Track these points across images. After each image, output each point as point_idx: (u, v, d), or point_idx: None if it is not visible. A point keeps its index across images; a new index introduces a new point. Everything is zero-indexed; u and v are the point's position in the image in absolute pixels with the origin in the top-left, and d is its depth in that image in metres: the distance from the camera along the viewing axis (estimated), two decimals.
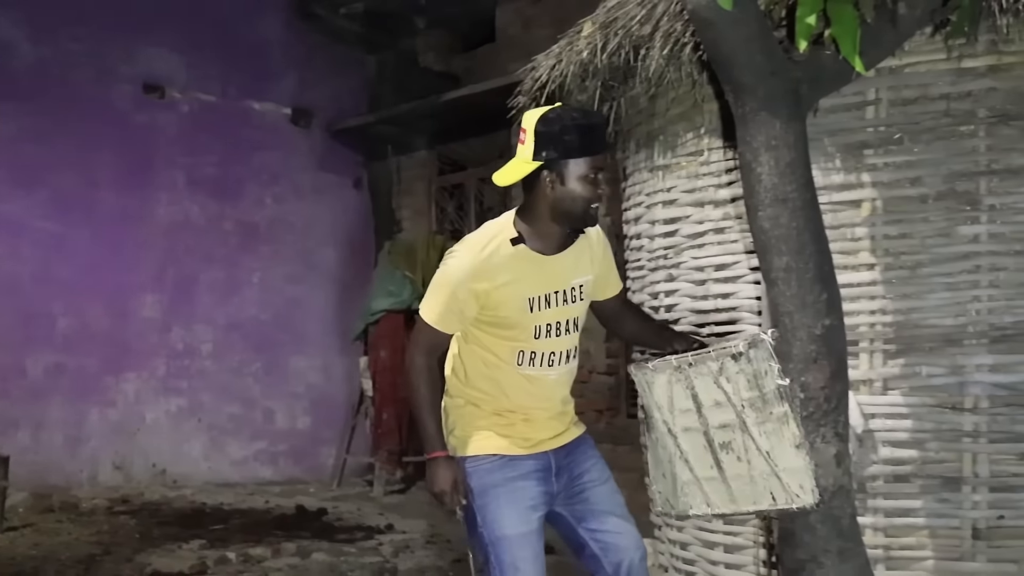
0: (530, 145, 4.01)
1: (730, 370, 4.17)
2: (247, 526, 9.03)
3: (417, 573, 7.53)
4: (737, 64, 4.44)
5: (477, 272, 4.04)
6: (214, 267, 12.03)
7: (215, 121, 11.94)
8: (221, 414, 12.00)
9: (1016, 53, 4.88)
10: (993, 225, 4.98)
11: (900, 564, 5.08)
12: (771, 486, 4.18)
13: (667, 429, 4.42)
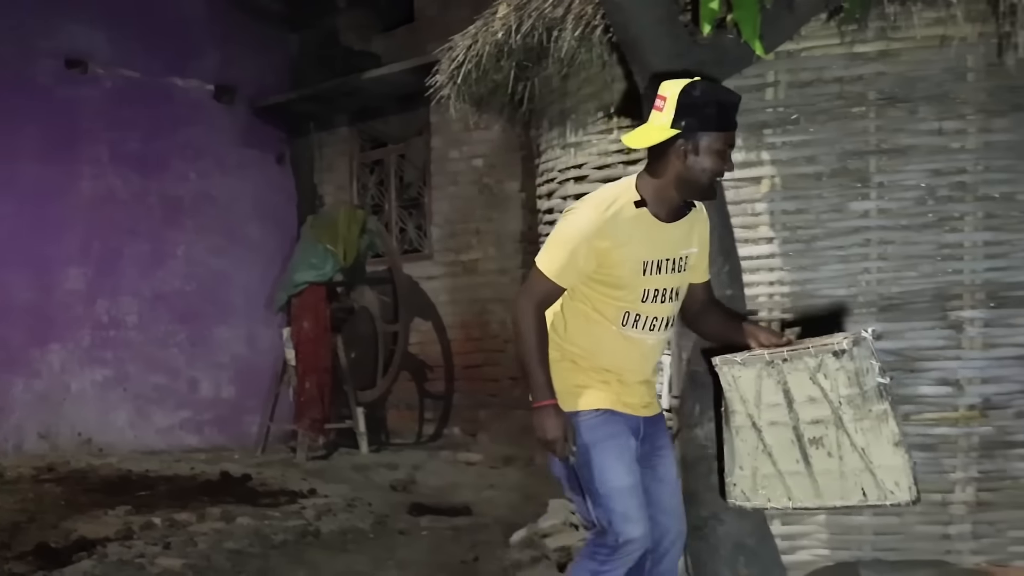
0: (669, 113, 3.89)
1: (830, 367, 4.05)
2: (173, 492, 8.90)
3: (339, 535, 7.48)
4: (645, 46, 4.49)
5: (601, 230, 3.94)
6: (138, 240, 11.85)
7: (138, 97, 11.73)
8: (146, 384, 11.85)
9: (903, 40, 4.95)
10: (882, 201, 5.07)
11: (795, 519, 5.11)
12: (863, 482, 4.09)
13: (751, 423, 4.26)
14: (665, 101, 3.90)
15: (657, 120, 3.92)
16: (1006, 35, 4.77)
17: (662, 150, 3.93)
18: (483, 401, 11.02)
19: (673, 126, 3.87)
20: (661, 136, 3.90)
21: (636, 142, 4.05)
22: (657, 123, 3.92)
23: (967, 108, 5.02)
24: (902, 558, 5.05)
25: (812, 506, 4.30)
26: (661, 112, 3.91)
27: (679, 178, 3.95)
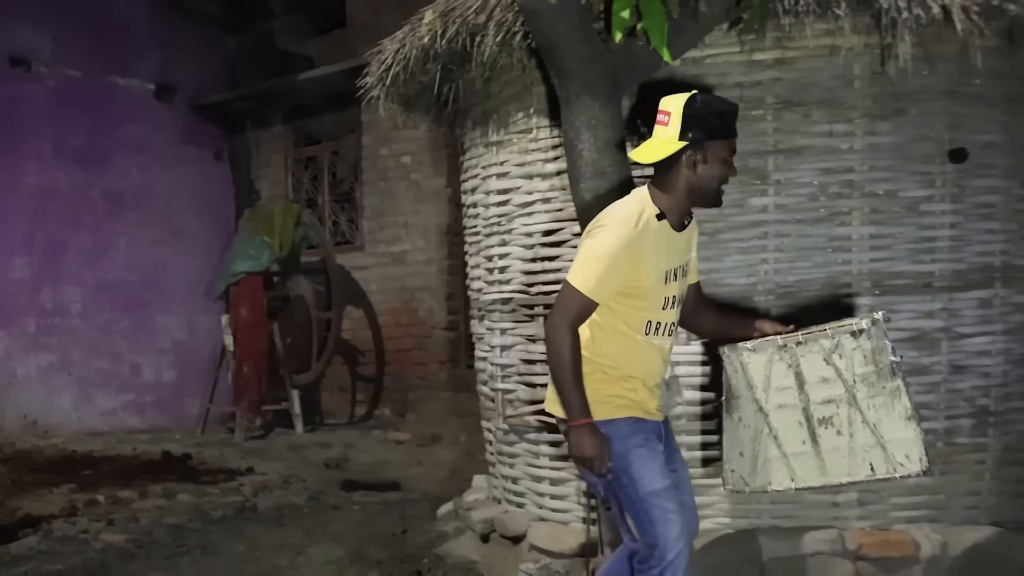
0: (675, 126, 3.88)
1: (846, 347, 4.09)
2: (116, 471, 8.86)
3: (275, 510, 7.49)
4: (561, 51, 4.53)
5: (633, 243, 3.86)
6: (82, 232, 11.78)
7: (81, 95, 11.66)
8: (90, 368, 11.78)
9: (798, 48, 5.05)
10: (779, 197, 5.17)
11: (700, 491, 4.93)
12: (871, 457, 4.10)
13: (758, 407, 4.26)
14: (669, 116, 3.91)
15: (663, 134, 3.92)
16: (888, 46, 4.88)
17: (671, 162, 3.92)
18: (412, 383, 11.03)
19: (681, 138, 3.87)
20: (671, 149, 3.89)
21: (646, 157, 3.99)
22: (663, 137, 3.92)
23: (854, 112, 5.14)
24: (796, 525, 5.15)
25: (816, 485, 4.29)
26: (666, 126, 3.91)
27: (691, 187, 3.95)
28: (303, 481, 8.43)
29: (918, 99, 5.17)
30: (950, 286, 5.26)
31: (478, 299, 6.28)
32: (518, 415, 5.85)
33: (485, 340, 6.20)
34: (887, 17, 4.78)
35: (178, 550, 6.50)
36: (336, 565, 6.12)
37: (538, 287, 5.71)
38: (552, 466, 5.71)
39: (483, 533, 6.02)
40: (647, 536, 3.89)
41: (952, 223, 5.25)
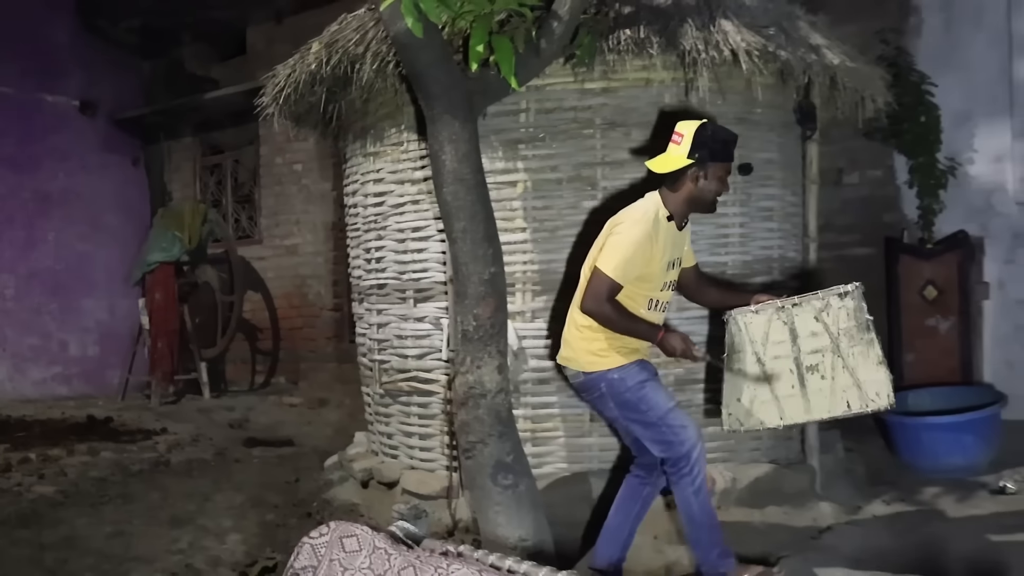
0: (686, 146, 4.17)
1: (833, 306, 4.27)
2: (46, 433, 8.67)
3: (186, 464, 7.45)
4: (427, 79, 4.54)
5: (651, 237, 4.17)
6: (14, 227, 11.53)
7: (13, 109, 11.40)
8: (23, 345, 11.53)
9: (620, 80, 5.18)
10: (606, 201, 5.25)
11: (542, 441, 5.34)
12: (849, 396, 4.24)
13: (756, 359, 4.40)
14: (682, 137, 4.19)
15: (675, 151, 4.20)
16: (691, 80, 5.04)
17: (679, 175, 4.22)
18: (303, 356, 11.00)
19: (689, 156, 4.16)
20: (680, 164, 4.18)
21: (659, 167, 4.26)
22: (675, 154, 4.20)
23: (664, 132, 5.00)
24: (620, 466, 5.19)
25: (801, 421, 4.47)
26: (679, 145, 4.20)
27: (691, 196, 4.26)
28: (210, 439, 8.36)
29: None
30: (740, 273, 5.47)
31: (358, 284, 6.29)
32: (392, 381, 5.91)
33: (364, 319, 6.23)
34: (690, 57, 4.93)
35: (101, 499, 6.44)
36: (238, 509, 6.12)
37: (408, 274, 5.75)
38: (420, 424, 5.75)
39: (363, 480, 6.07)
40: (674, 444, 4.24)
41: (741, 223, 5.48)
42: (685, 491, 4.30)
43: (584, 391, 4.49)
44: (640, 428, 4.35)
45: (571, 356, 4.44)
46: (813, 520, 5.29)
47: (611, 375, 4.30)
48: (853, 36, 6.07)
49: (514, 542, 4.43)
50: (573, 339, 4.43)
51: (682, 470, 4.26)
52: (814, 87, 5.41)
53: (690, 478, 4.26)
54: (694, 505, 4.30)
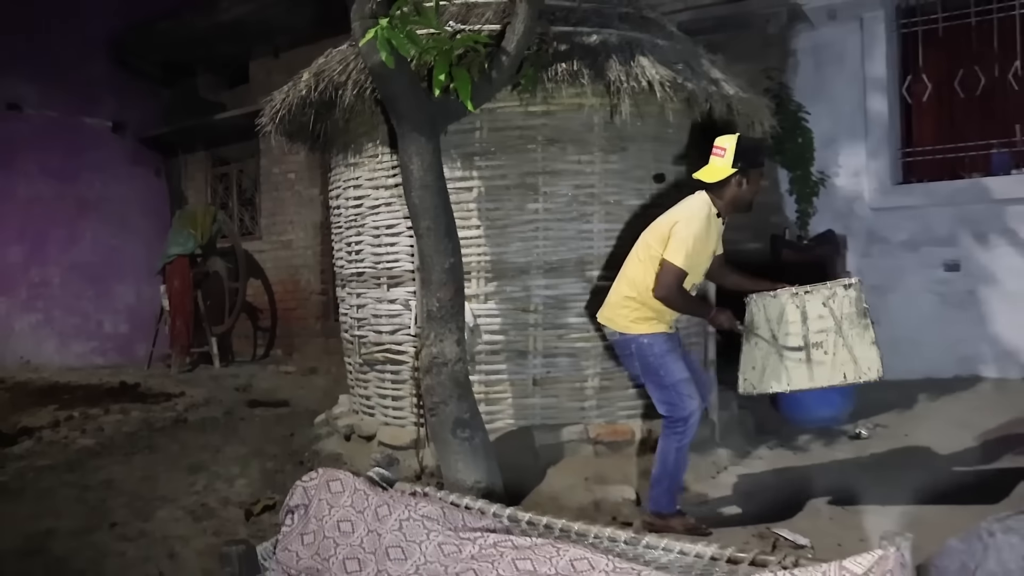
0: (729, 158, 4.13)
1: (839, 295, 4.26)
2: (86, 396, 8.52)
3: (200, 421, 7.32)
4: (397, 102, 4.50)
5: (707, 231, 4.16)
6: (59, 228, 11.38)
7: (58, 130, 11.24)
8: (67, 324, 11.39)
9: (558, 104, 5.12)
10: (546, 203, 5.23)
11: (494, 401, 5.28)
12: (845, 369, 4.22)
13: (772, 335, 4.36)
14: (724, 151, 4.16)
15: (719, 163, 4.16)
16: (615, 105, 4.99)
17: (724, 183, 4.17)
18: (296, 332, 10.89)
19: (733, 166, 4.13)
20: (726, 173, 4.15)
21: (709, 178, 4.20)
22: (720, 165, 4.16)
23: (594, 148, 5.25)
24: (557, 422, 5.27)
25: (804, 387, 4.39)
26: (722, 158, 4.16)
27: (734, 198, 4.22)
28: (220, 401, 8.20)
29: (635, 141, 5.33)
30: None
31: (341, 272, 6.20)
32: (369, 353, 5.83)
33: (346, 301, 6.14)
34: (614, 86, 4.91)
35: (132, 449, 6.37)
36: (244, 459, 6.02)
37: (382, 264, 5.67)
38: (393, 387, 5.68)
39: (346, 435, 6.00)
40: (677, 407, 4.23)
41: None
42: (670, 444, 4.27)
43: (617, 348, 4.48)
44: (654, 388, 4.33)
45: (611, 318, 4.41)
46: (713, 463, 5.32)
47: (642, 339, 4.28)
48: (744, 73, 6.06)
49: (471, 484, 4.44)
50: (616, 306, 4.39)
51: (677, 429, 4.25)
52: (714, 113, 5.38)
53: (679, 436, 4.24)
54: (671, 456, 4.28)
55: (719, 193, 4.23)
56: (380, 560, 2.69)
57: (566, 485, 4.91)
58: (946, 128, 7.22)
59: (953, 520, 4.02)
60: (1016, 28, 6.88)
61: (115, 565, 4.22)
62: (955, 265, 6.81)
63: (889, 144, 7.25)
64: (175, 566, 4.24)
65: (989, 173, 6.89)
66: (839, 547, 3.99)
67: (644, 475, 5.00)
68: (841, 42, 7.37)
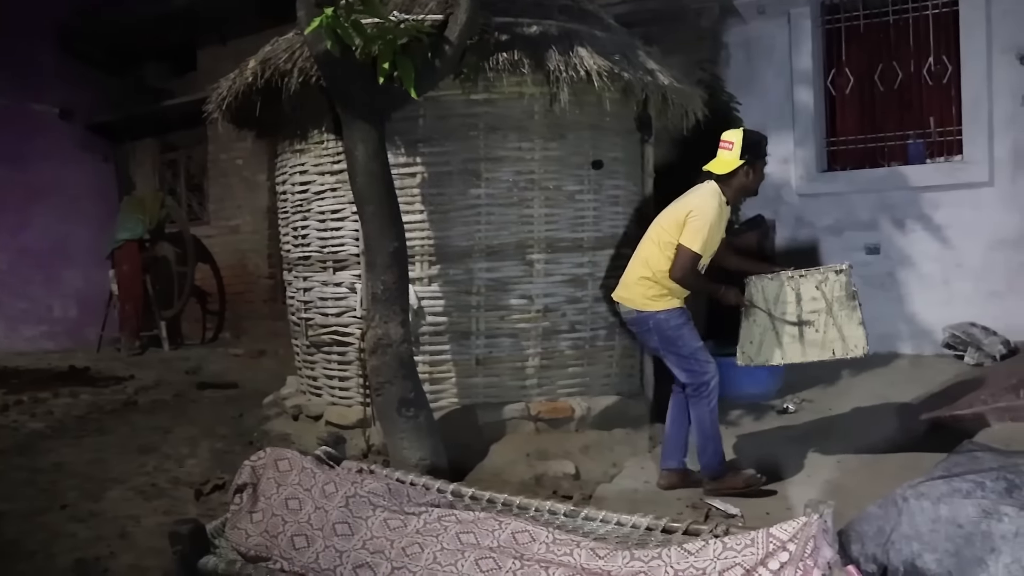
0: (737, 151, 4.30)
1: (830, 279, 4.40)
2: (36, 380, 8.29)
3: (150, 403, 7.20)
4: (342, 90, 4.48)
5: (720, 217, 4.34)
6: (8, 213, 11.03)
7: (5, 116, 10.85)
8: (16, 308, 11.08)
9: (499, 92, 5.09)
10: (488, 189, 5.22)
11: (438, 381, 5.27)
12: (835, 346, 4.37)
13: (768, 313, 4.50)
14: (732, 144, 4.33)
15: (727, 156, 4.34)
16: (555, 94, 4.98)
17: (733, 173, 4.33)
18: (244, 315, 10.73)
19: (740, 158, 4.31)
20: (734, 165, 4.32)
21: (720, 170, 4.36)
22: (728, 157, 4.33)
23: (534, 135, 5.25)
24: (499, 401, 5.28)
25: (797, 361, 4.54)
26: (730, 151, 4.33)
27: (742, 187, 4.41)
28: (170, 384, 8.06)
29: (573, 129, 5.33)
30: (593, 247, 5.47)
31: (288, 257, 6.12)
32: (316, 335, 5.78)
33: (293, 285, 6.06)
34: (553, 75, 4.91)
35: (82, 432, 6.24)
36: (193, 440, 5.94)
37: (328, 248, 5.62)
38: (340, 368, 5.65)
39: (294, 415, 5.95)
40: (698, 374, 4.39)
41: (594, 207, 5.47)
42: (703, 410, 4.41)
43: (634, 325, 4.58)
44: (674, 359, 4.47)
45: (628, 297, 4.53)
46: (649, 438, 5.37)
47: (659, 315, 4.41)
48: (679, 64, 6.10)
49: (416, 461, 4.44)
50: (632, 285, 4.51)
51: (702, 394, 4.39)
52: (650, 102, 5.43)
53: (707, 400, 4.39)
54: (707, 420, 4.42)
55: (728, 183, 4.38)
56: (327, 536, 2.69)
57: (508, 461, 4.93)
58: (867, 119, 7.36)
59: (872, 485, 4.14)
60: (930, 27, 7.03)
61: (66, 545, 4.14)
62: (875, 248, 6.96)
63: (815, 134, 7.37)
64: (126, 545, 4.17)
65: (906, 162, 7.04)
66: (767, 515, 4.07)
67: (584, 450, 5.07)
68: (770, 36, 7.45)
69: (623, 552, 2.36)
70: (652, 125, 5.65)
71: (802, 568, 2.03)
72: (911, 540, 3.05)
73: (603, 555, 2.36)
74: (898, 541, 3.11)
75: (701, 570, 2.22)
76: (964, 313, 6.60)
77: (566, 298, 5.38)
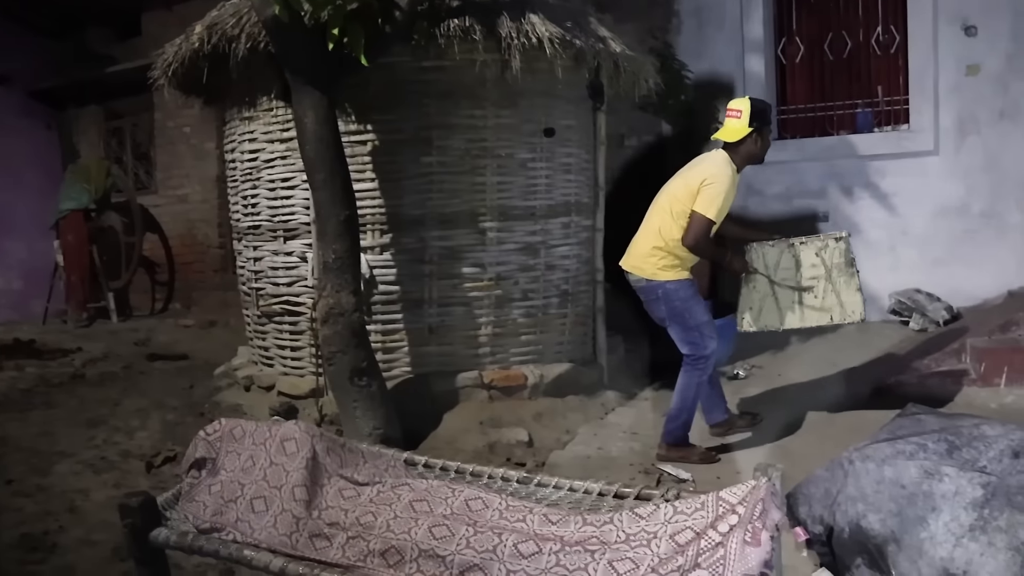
0: (745, 119, 4.32)
1: (830, 246, 4.51)
2: None
3: (99, 376, 7.05)
4: (291, 56, 4.42)
5: (734, 185, 4.33)
6: None
7: None
8: None
9: (450, 59, 5.01)
10: (440, 156, 5.20)
11: (390, 350, 5.26)
12: (833, 312, 4.50)
13: (768, 280, 4.55)
14: (740, 112, 4.36)
15: (736, 124, 4.35)
16: (507, 61, 4.94)
17: (742, 140, 4.35)
18: (194, 285, 10.56)
19: (748, 126, 4.33)
20: (744, 133, 4.34)
21: (730, 138, 4.38)
22: (737, 126, 4.35)
23: (486, 102, 5.23)
24: (452, 369, 5.28)
25: (795, 326, 4.64)
26: (739, 119, 4.35)
27: (749, 154, 4.40)
28: (119, 356, 7.89)
29: (525, 96, 5.31)
30: (545, 215, 5.48)
31: (237, 226, 6.03)
32: (267, 305, 5.72)
33: (243, 255, 5.98)
34: (505, 42, 4.88)
35: (28, 406, 6.10)
36: (144, 412, 5.84)
37: (279, 217, 5.56)
38: (291, 338, 5.60)
39: (246, 385, 5.89)
40: (699, 346, 4.40)
41: (547, 175, 5.48)
42: (692, 380, 4.46)
43: (643, 293, 4.55)
44: (679, 329, 4.46)
45: (638, 266, 4.50)
46: (602, 404, 5.42)
47: (668, 285, 4.41)
48: (631, 32, 6.10)
49: (369, 431, 4.45)
50: (644, 255, 4.47)
51: (698, 366, 4.43)
52: (602, 70, 5.41)
53: (699, 372, 4.44)
54: (691, 391, 4.47)
55: (736, 150, 4.40)
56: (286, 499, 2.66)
57: (462, 429, 4.94)
58: (817, 88, 7.42)
59: (820, 449, 4.22)
60: None
61: (12, 520, 4.07)
62: (825, 216, 7.05)
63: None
64: (75, 519, 4.12)
65: (855, 131, 7.12)
66: (718, 479, 4.13)
67: (536, 418, 5.09)
68: (721, 4, 7.45)
69: (575, 517, 2.37)
70: (604, 93, 5.64)
71: (751, 530, 2.05)
72: (856, 501, 3.12)
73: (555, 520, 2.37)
74: (844, 503, 3.17)
75: (652, 533, 2.24)
76: (909, 280, 6.73)
77: (519, 266, 5.39)
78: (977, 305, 6.42)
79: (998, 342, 5.21)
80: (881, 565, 2.92)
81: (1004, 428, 3.26)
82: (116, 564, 3.60)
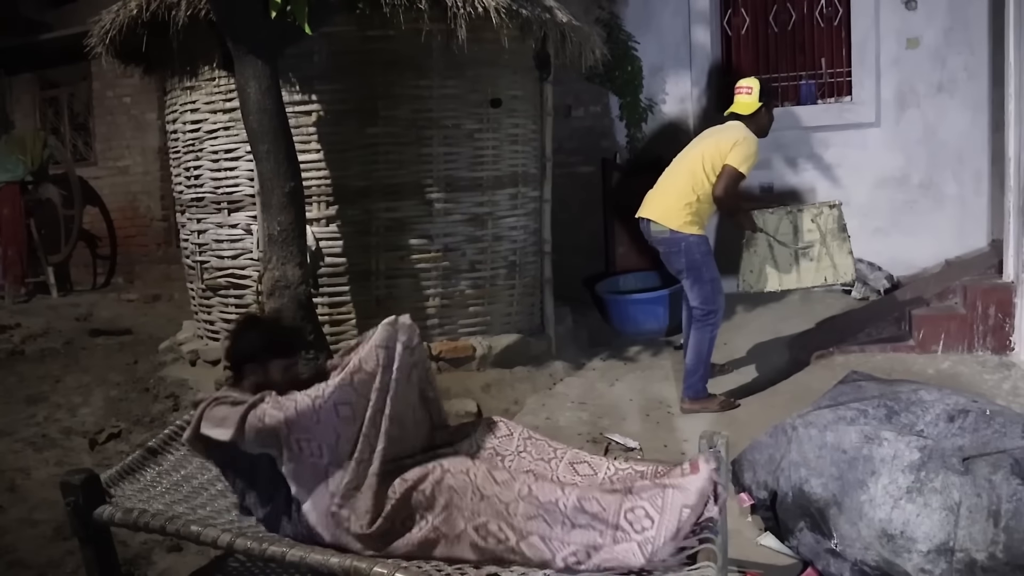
0: (756, 94, 4.73)
1: (825, 213, 4.87)
2: None
3: (39, 352, 6.87)
4: (233, 24, 4.31)
5: (758, 147, 4.68)
6: None
7: None
8: None
9: (396, 29, 4.89)
10: (386, 127, 5.13)
11: (338, 323, 5.19)
12: (827, 273, 4.88)
13: (768, 244, 4.87)
14: (751, 88, 4.76)
15: (747, 99, 4.76)
16: (452, 31, 4.86)
17: (755, 113, 4.75)
18: (137, 259, 10.34)
19: (759, 101, 4.74)
20: (755, 107, 4.75)
21: (743, 111, 4.76)
22: (748, 101, 4.76)
23: (432, 72, 5.16)
24: None
25: (793, 287, 5.03)
26: (750, 95, 4.76)
27: (760, 127, 4.78)
28: (59, 331, 7.68)
29: (472, 66, 5.26)
30: (493, 186, 5.45)
31: (180, 198, 5.90)
32: (212, 278, 5.62)
33: (187, 227, 5.85)
34: (451, 12, 4.81)
35: None
36: (86, 388, 5.72)
37: (222, 189, 5.45)
38: (237, 312, 5.50)
39: (191, 360, 5.79)
40: (711, 301, 4.69)
41: (494, 146, 5.44)
42: (705, 335, 4.72)
43: (663, 244, 4.76)
44: (694, 282, 4.72)
45: (663, 216, 4.72)
46: (550, 375, 5.44)
47: (691, 239, 4.67)
48: (577, 2, 6.07)
49: None
50: (673, 208, 4.69)
51: (710, 320, 4.71)
52: (548, 40, 5.38)
53: (711, 327, 4.72)
54: (706, 345, 4.73)
55: (747, 123, 4.74)
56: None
57: None
58: (762, 59, 7.45)
59: (764, 416, 4.29)
60: None
61: None
62: (769, 187, 7.11)
63: (711, 73, 7.44)
64: (15, 498, 4.02)
65: (799, 102, 7.18)
66: (665, 447, 4.17)
67: (485, 388, 5.09)
68: None
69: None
70: (551, 63, 5.61)
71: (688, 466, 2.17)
72: (799, 466, 3.18)
73: (500, 480, 2.37)
74: (787, 468, 3.23)
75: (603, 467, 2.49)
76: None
77: (466, 237, 5.36)
78: (916, 274, 6.55)
79: (936, 310, 5.33)
80: (823, 528, 2.99)
81: (940, 393, 3.35)
82: (59, 543, 3.53)
